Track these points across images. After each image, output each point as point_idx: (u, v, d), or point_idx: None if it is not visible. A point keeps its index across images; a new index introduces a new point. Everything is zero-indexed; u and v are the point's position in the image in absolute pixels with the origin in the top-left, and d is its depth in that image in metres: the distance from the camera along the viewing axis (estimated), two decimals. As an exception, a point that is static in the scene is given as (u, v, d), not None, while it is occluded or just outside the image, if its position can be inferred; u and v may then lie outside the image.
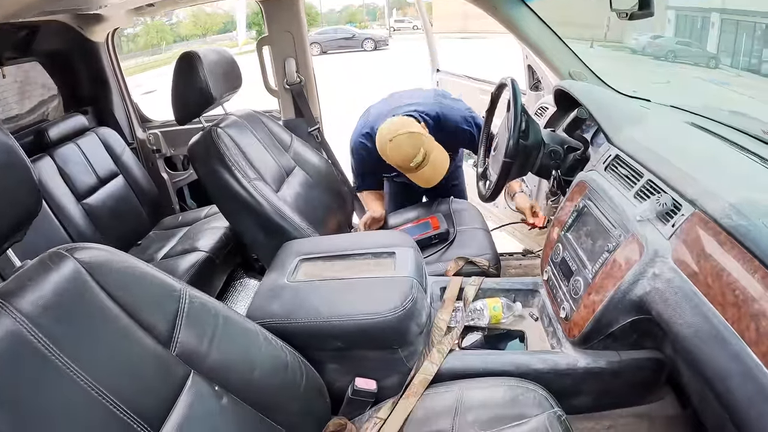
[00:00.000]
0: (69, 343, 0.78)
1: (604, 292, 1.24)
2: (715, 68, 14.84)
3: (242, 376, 1.03)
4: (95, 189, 2.45)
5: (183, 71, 1.82)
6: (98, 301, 0.86)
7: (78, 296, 0.83)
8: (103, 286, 0.87)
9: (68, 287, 0.82)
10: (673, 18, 17.20)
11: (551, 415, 1.13)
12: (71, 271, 0.84)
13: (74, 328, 0.81)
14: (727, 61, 15.04)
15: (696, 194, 1.12)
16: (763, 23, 13.97)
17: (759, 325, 0.85)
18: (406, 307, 1.26)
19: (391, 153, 1.97)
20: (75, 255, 0.86)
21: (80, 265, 0.85)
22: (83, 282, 0.85)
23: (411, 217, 2.28)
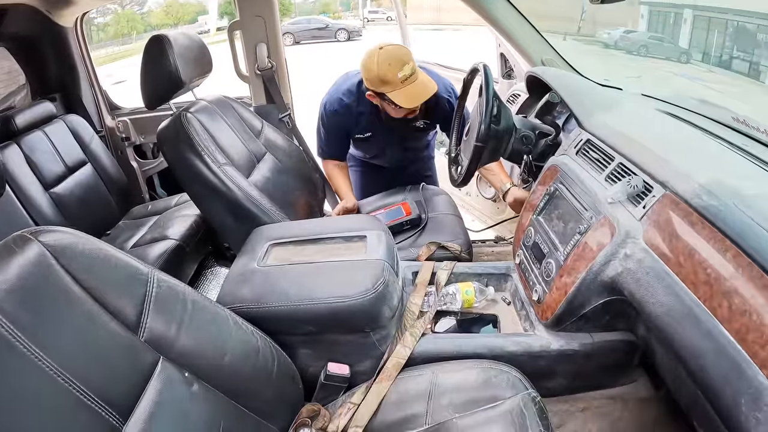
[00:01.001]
0: (34, 329, 0.76)
1: (576, 274, 1.25)
2: (687, 63, 15.08)
3: (212, 362, 1.01)
4: (63, 178, 2.40)
5: (152, 55, 1.78)
6: (63, 284, 0.83)
7: (43, 280, 0.81)
8: (68, 270, 0.84)
9: (33, 271, 0.80)
10: (646, 13, 17.45)
11: (525, 396, 1.13)
12: (35, 255, 0.81)
13: (39, 313, 0.78)
14: (699, 56, 15.30)
15: (667, 176, 1.14)
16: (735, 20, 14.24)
17: (731, 302, 0.86)
18: (377, 290, 1.25)
19: (379, 59, 1.91)
20: (39, 238, 0.84)
21: (45, 248, 0.83)
22: (48, 265, 0.82)
23: (383, 204, 2.28)
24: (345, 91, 2.19)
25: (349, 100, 2.17)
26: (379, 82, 1.94)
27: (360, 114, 2.21)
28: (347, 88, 2.19)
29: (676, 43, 15.85)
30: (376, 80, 1.94)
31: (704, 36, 15.19)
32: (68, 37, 2.73)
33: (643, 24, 17.27)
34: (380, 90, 1.96)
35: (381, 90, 1.95)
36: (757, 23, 13.40)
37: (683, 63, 15.03)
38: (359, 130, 2.25)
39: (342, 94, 2.19)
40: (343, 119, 2.20)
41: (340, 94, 2.19)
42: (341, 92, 2.19)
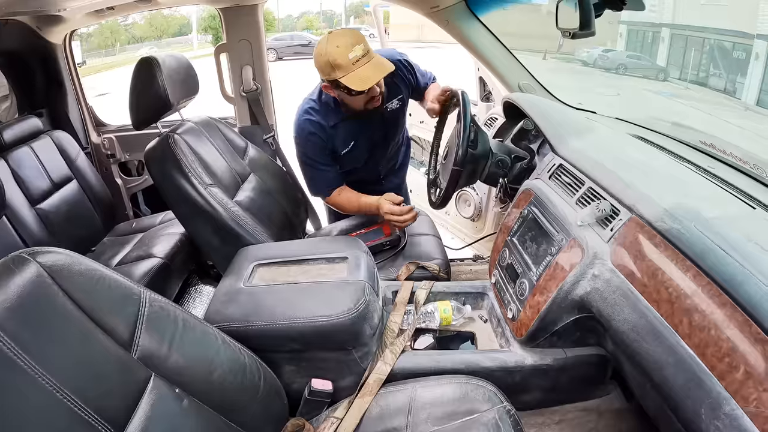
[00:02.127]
0: (34, 347, 0.78)
1: (548, 293, 1.31)
2: (664, 81, 15.33)
3: (202, 379, 1.04)
4: (49, 194, 2.40)
5: (142, 77, 1.82)
6: (60, 304, 0.86)
7: (41, 299, 0.83)
8: (65, 290, 0.87)
9: (32, 290, 0.82)
10: (624, 32, 17.70)
11: (501, 409, 1.18)
12: (34, 275, 0.84)
13: (38, 332, 0.81)
14: (676, 74, 15.54)
15: (633, 200, 1.20)
16: (712, 38, 14.49)
17: (691, 319, 0.92)
18: (358, 309, 1.29)
19: (328, 43, 1.80)
20: (37, 259, 0.86)
21: (42, 269, 0.85)
22: (46, 285, 0.85)
23: (363, 225, 2.26)
24: (307, 110, 2.07)
25: (317, 117, 2.05)
26: (330, 68, 1.81)
27: (333, 127, 2.07)
28: (308, 108, 2.07)
29: (654, 61, 16.11)
30: (327, 66, 1.82)
31: (681, 54, 15.47)
32: (57, 53, 2.75)
33: (622, 43, 17.53)
34: (332, 77, 1.83)
35: (333, 77, 1.82)
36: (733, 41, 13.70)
37: (661, 81, 15.27)
38: (341, 143, 2.11)
39: (307, 114, 2.06)
40: (321, 138, 2.06)
41: (306, 116, 2.06)
42: (305, 113, 2.07)
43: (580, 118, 1.97)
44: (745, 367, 0.81)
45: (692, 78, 14.95)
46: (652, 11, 16.35)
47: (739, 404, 0.80)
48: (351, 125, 2.10)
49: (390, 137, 2.30)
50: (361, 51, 1.81)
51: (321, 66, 1.85)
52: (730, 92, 13.50)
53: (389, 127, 2.25)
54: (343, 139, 2.10)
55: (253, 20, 2.56)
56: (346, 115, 2.07)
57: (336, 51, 1.78)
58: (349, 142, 2.12)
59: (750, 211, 1.14)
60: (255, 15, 2.56)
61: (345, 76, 1.80)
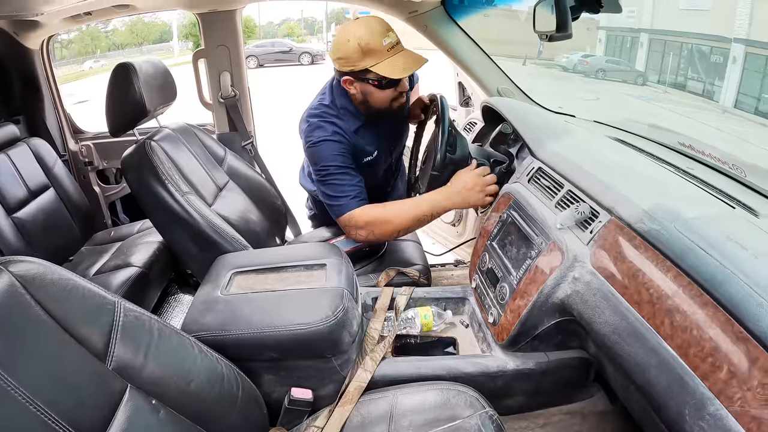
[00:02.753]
0: (6, 357, 0.77)
1: (528, 297, 1.30)
2: (643, 85, 15.56)
3: (179, 389, 1.03)
4: (26, 202, 2.35)
5: (118, 83, 1.79)
6: (33, 314, 0.84)
7: (14, 309, 0.82)
8: (37, 300, 0.85)
9: (4, 300, 0.81)
10: (603, 38, 17.93)
11: (483, 415, 1.17)
12: (6, 285, 0.82)
13: (11, 342, 0.79)
14: (654, 78, 15.77)
15: (612, 202, 1.21)
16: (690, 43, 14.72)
17: (673, 319, 0.93)
18: (337, 317, 1.28)
19: (357, 29, 1.64)
20: (9, 268, 0.84)
21: (14, 279, 0.84)
22: (18, 295, 0.83)
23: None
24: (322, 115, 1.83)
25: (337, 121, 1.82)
26: (360, 55, 1.64)
27: (355, 132, 1.85)
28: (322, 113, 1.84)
29: (633, 66, 16.35)
30: (357, 53, 1.64)
31: (660, 59, 15.71)
32: (34, 59, 2.71)
33: (601, 48, 17.78)
34: (363, 65, 1.66)
35: (364, 65, 1.66)
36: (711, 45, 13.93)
37: (639, 85, 15.50)
38: (363, 152, 1.89)
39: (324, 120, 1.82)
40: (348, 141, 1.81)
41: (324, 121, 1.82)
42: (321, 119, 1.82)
43: (559, 122, 1.98)
44: (729, 366, 0.81)
45: (671, 82, 15.20)
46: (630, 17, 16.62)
47: (723, 404, 0.80)
48: (373, 130, 1.91)
49: (404, 139, 2.18)
50: (395, 38, 1.68)
51: (348, 53, 1.66)
52: (709, 95, 13.72)
53: (405, 127, 2.15)
54: (366, 146, 1.90)
55: (231, 26, 2.55)
56: (367, 119, 1.87)
57: (369, 36, 1.63)
58: (373, 149, 1.92)
59: (730, 210, 1.15)
60: (233, 21, 2.54)
61: (378, 64, 1.65)
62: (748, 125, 10.77)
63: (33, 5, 2.13)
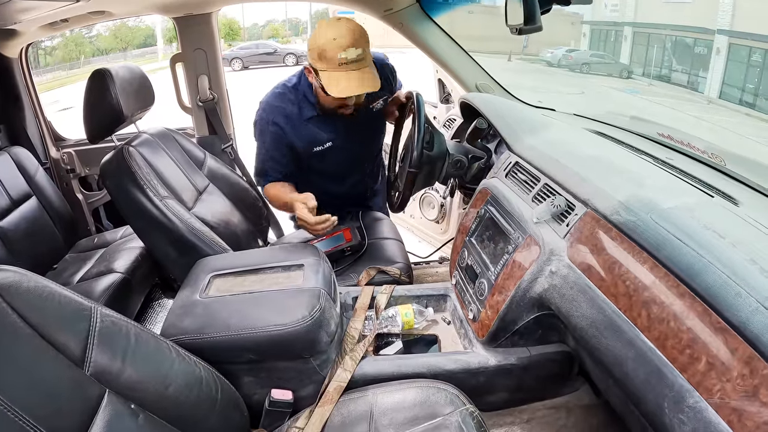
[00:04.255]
0: None
1: (506, 292, 1.31)
2: (628, 78, 15.64)
3: (157, 393, 1.02)
4: (8, 212, 2.32)
5: (94, 89, 1.78)
6: (10, 322, 0.84)
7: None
8: (14, 307, 0.85)
9: None
10: (587, 32, 18.02)
11: (463, 412, 1.16)
12: None
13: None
14: (639, 71, 15.86)
15: (588, 194, 1.21)
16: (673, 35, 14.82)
17: (650, 311, 0.93)
18: (314, 317, 1.27)
19: (327, 30, 1.70)
20: None
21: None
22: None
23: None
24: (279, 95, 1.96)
25: (289, 107, 1.93)
26: (316, 56, 1.72)
27: (309, 120, 1.95)
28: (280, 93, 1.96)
29: (618, 59, 16.44)
30: (315, 52, 1.72)
31: (644, 51, 15.81)
32: (13, 67, 2.69)
33: (585, 42, 17.86)
34: (315, 65, 1.75)
35: (316, 65, 1.75)
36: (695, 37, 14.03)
37: (624, 78, 15.58)
38: (313, 140, 1.97)
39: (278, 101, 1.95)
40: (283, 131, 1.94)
41: (276, 103, 1.94)
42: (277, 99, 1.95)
43: (537, 116, 1.98)
44: (707, 357, 0.81)
45: (655, 74, 15.30)
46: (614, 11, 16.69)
47: (702, 396, 0.80)
48: (332, 122, 1.98)
49: (374, 141, 2.24)
50: (354, 55, 1.69)
51: (311, 47, 1.74)
52: (693, 87, 13.82)
53: (374, 129, 2.19)
54: (317, 135, 1.97)
55: (208, 29, 2.54)
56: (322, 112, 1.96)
57: (329, 43, 1.68)
58: (326, 140, 1.99)
59: (708, 199, 1.15)
60: (209, 24, 2.53)
61: (324, 72, 1.73)
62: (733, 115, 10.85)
63: (8, 14, 2.11)
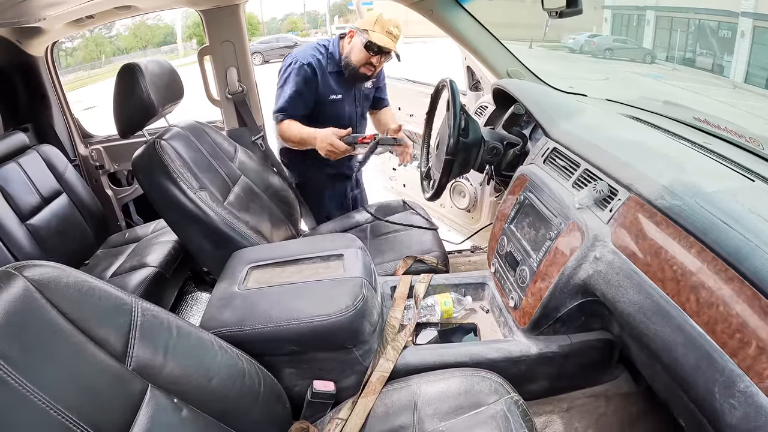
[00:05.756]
0: (23, 363, 0.76)
1: (549, 279, 1.29)
2: (652, 63, 15.43)
3: (200, 387, 1.02)
4: (39, 209, 2.35)
5: (124, 84, 1.79)
6: (50, 318, 0.84)
7: (29, 314, 0.81)
8: (53, 303, 0.85)
9: (19, 306, 0.80)
10: (609, 17, 17.79)
11: (508, 400, 1.15)
12: (21, 290, 0.82)
13: (29, 348, 0.79)
14: (663, 55, 15.62)
15: (631, 179, 1.18)
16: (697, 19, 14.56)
17: (699, 296, 0.90)
18: (357, 307, 1.26)
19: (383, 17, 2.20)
20: (24, 273, 0.84)
21: (29, 283, 0.83)
22: (34, 300, 0.83)
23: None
24: (315, 47, 2.36)
25: (320, 57, 2.32)
26: (373, 22, 2.19)
27: (331, 73, 2.35)
28: (316, 46, 2.37)
29: (641, 44, 16.21)
30: (372, 20, 2.19)
31: (667, 36, 15.56)
32: (39, 66, 2.71)
33: (607, 27, 17.63)
34: (369, 27, 2.19)
35: (370, 28, 2.19)
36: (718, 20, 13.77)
37: (648, 63, 15.36)
38: (330, 89, 2.35)
39: (312, 51, 2.34)
40: (314, 74, 2.29)
41: (311, 52, 2.33)
42: (311, 50, 2.35)
43: (571, 101, 1.95)
44: (757, 342, 0.79)
45: (679, 59, 15.05)
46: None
47: (753, 381, 0.79)
48: (343, 80, 2.38)
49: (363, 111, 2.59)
50: (396, 33, 2.21)
51: (370, 18, 2.23)
52: (718, 71, 13.57)
53: (363, 103, 2.56)
54: (334, 87, 2.36)
55: (236, 21, 2.53)
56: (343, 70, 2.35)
57: (386, 21, 2.19)
58: (337, 92, 2.38)
59: (749, 183, 1.12)
60: (237, 15, 2.52)
61: (375, 33, 2.19)
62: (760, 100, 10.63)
63: (34, 11, 2.12)
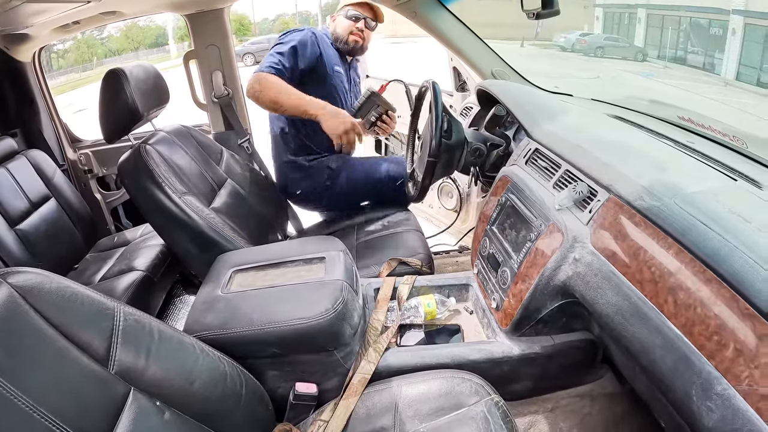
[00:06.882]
0: (7, 368, 0.77)
1: (529, 280, 1.29)
2: (643, 61, 15.47)
3: (182, 390, 1.03)
4: (28, 214, 2.35)
5: (109, 89, 1.79)
6: (33, 323, 0.85)
7: (13, 320, 0.82)
8: (37, 309, 0.86)
9: (3, 312, 0.81)
10: (601, 15, 17.83)
11: (489, 401, 1.16)
12: (5, 296, 0.83)
13: (13, 353, 0.79)
14: (654, 53, 15.68)
15: (610, 180, 1.19)
16: (688, 16, 14.61)
17: (676, 297, 0.91)
18: (337, 310, 1.27)
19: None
20: (8, 280, 0.85)
21: (13, 290, 0.84)
22: (17, 306, 0.84)
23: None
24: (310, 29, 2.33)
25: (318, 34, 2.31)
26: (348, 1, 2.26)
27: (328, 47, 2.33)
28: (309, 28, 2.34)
29: (632, 42, 16.26)
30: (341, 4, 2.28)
31: (659, 34, 15.61)
32: (27, 71, 2.72)
33: (599, 26, 17.68)
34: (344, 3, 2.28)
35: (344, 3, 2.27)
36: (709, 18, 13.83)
37: (639, 61, 15.42)
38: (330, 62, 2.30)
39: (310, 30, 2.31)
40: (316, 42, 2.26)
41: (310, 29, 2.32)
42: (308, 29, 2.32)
43: (555, 101, 1.95)
44: (735, 344, 0.79)
45: (671, 57, 15.11)
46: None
47: (730, 383, 0.79)
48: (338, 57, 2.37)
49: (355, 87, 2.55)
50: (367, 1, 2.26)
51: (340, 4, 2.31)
52: (710, 68, 13.63)
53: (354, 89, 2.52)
54: (333, 61, 2.32)
55: (220, 25, 2.54)
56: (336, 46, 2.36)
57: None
58: (334, 64, 2.33)
59: (732, 183, 1.13)
60: (221, 20, 2.53)
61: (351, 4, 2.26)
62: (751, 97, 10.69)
63: (20, 18, 2.12)
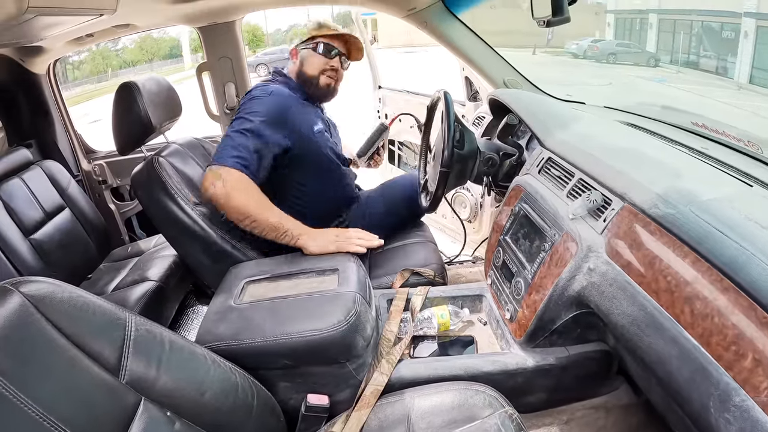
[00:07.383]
0: (19, 377, 0.78)
1: (543, 291, 1.28)
2: (655, 67, 15.40)
3: (193, 400, 1.03)
4: (42, 224, 2.37)
5: (122, 102, 1.82)
6: (45, 333, 0.85)
7: (25, 329, 0.83)
8: (48, 318, 0.86)
9: (15, 321, 0.82)
10: (612, 22, 17.78)
11: (503, 414, 1.14)
12: (17, 305, 0.83)
13: (25, 362, 0.80)
14: (666, 58, 15.60)
15: (624, 188, 1.17)
16: (700, 20, 14.54)
17: (693, 307, 0.88)
18: (349, 321, 1.26)
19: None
20: (20, 289, 0.85)
21: (26, 299, 0.85)
22: (29, 315, 0.84)
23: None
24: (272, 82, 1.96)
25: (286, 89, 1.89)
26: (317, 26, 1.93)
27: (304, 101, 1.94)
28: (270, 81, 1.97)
29: (644, 48, 16.20)
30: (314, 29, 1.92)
31: (671, 39, 15.54)
32: (41, 83, 2.76)
33: (611, 32, 17.63)
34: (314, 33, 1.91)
35: (314, 33, 1.91)
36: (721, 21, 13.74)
37: (652, 67, 15.35)
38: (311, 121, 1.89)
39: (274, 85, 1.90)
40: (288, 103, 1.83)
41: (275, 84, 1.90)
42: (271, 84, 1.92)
43: (567, 110, 1.94)
44: (753, 354, 0.77)
45: (683, 61, 15.03)
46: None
47: (749, 394, 0.77)
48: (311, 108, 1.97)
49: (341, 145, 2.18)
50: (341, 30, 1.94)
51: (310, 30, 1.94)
52: (722, 72, 13.53)
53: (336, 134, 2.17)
54: (314, 118, 1.92)
55: (232, 37, 2.56)
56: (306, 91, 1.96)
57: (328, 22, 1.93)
58: (319, 123, 1.94)
59: (747, 189, 1.11)
60: (233, 32, 2.56)
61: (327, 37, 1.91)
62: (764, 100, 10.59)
63: (34, 32, 2.15)
